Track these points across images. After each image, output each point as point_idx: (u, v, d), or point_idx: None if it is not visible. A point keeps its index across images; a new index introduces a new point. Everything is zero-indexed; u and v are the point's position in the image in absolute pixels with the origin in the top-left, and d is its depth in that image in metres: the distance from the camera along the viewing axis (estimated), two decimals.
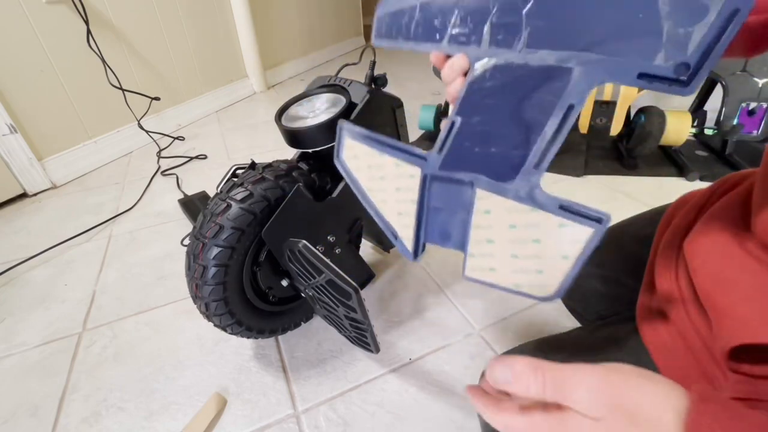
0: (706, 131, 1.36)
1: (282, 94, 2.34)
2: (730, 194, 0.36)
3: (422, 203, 0.33)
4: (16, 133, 1.31)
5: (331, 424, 0.68)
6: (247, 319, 0.71)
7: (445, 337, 0.82)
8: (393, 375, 0.75)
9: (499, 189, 0.29)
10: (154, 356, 0.81)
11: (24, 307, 0.94)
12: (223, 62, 2.11)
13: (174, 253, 1.09)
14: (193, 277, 0.63)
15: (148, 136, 1.71)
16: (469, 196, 0.30)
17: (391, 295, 0.93)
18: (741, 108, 1.28)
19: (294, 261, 0.65)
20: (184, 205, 1.25)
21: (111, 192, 1.41)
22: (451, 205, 0.32)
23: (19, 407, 0.73)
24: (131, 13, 1.61)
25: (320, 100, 0.74)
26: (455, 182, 0.31)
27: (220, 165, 1.56)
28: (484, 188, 0.29)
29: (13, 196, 1.36)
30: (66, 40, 1.40)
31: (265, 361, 0.79)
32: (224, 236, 0.61)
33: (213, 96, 2.08)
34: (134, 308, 0.92)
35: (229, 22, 2.08)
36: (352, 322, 0.66)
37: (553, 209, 0.27)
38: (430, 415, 0.68)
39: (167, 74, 1.82)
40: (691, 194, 0.43)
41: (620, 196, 1.25)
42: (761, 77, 1.24)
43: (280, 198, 0.64)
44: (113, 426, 0.69)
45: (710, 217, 0.35)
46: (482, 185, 0.29)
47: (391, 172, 0.34)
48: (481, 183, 0.29)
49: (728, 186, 0.38)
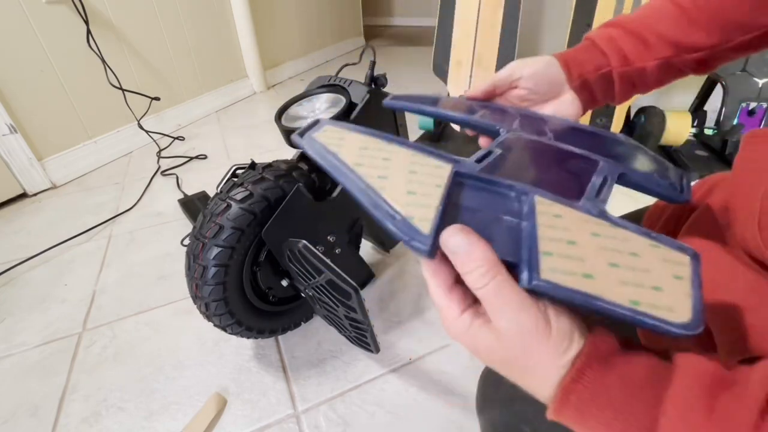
0: (706, 131, 1.36)
1: (282, 94, 2.34)
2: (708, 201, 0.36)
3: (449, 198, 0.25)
4: (16, 133, 1.31)
5: (331, 424, 0.68)
6: (247, 319, 0.71)
7: (445, 337, 0.82)
8: (393, 375, 0.75)
9: (564, 201, 0.25)
10: (154, 356, 0.81)
11: (24, 307, 0.94)
12: (223, 62, 2.11)
13: (174, 253, 1.09)
14: (193, 277, 0.63)
15: (148, 136, 1.71)
16: (517, 206, 0.25)
17: (391, 295, 0.93)
18: (741, 108, 1.28)
19: (294, 261, 0.65)
20: (184, 205, 1.25)
21: (111, 192, 1.41)
22: (493, 208, 0.25)
23: (19, 407, 0.73)
24: (131, 13, 1.61)
25: (320, 100, 0.74)
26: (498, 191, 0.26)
27: (220, 165, 1.56)
28: (544, 197, 0.25)
29: (13, 196, 1.36)
30: (66, 40, 1.40)
31: (265, 361, 0.79)
32: (224, 236, 0.61)
33: (213, 96, 2.08)
34: (134, 308, 0.92)
35: (229, 22, 2.08)
36: (352, 322, 0.66)
37: (636, 231, 0.23)
38: (430, 415, 0.68)
39: (167, 74, 1.82)
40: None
41: (620, 196, 1.24)
42: (761, 77, 1.24)
43: (280, 198, 0.64)
44: (113, 426, 0.69)
45: (693, 226, 0.35)
46: (541, 194, 0.25)
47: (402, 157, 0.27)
48: (538, 192, 0.25)
49: (704, 191, 0.38)
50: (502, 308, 0.21)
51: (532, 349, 0.21)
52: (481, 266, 0.21)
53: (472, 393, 0.70)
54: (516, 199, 0.25)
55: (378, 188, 0.24)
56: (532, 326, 0.21)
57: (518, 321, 0.21)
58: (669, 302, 0.20)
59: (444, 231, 0.22)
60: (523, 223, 0.23)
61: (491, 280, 0.21)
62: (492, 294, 0.21)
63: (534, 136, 0.34)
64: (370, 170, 0.26)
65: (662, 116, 1.30)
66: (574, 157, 0.31)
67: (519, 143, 0.33)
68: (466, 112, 0.38)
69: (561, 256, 0.21)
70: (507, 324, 0.21)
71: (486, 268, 0.21)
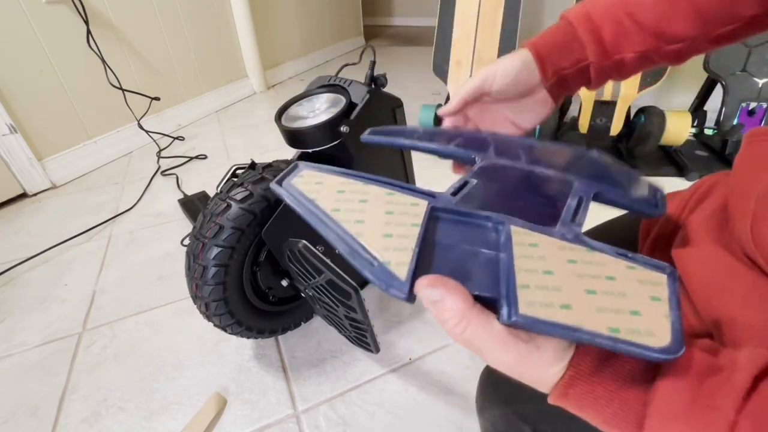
0: (706, 131, 1.36)
1: (282, 94, 2.34)
2: (709, 201, 0.36)
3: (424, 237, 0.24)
4: (16, 133, 1.31)
5: (331, 424, 0.68)
6: (247, 319, 0.71)
7: (445, 337, 0.82)
8: (393, 375, 0.75)
9: (539, 229, 0.25)
10: (154, 356, 0.81)
11: (24, 307, 0.94)
12: (223, 62, 2.11)
13: (174, 253, 1.09)
14: (193, 277, 0.63)
15: (148, 136, 1.71)
16: (494, 237, 0.25)
17: None
18: (741, 108, 1.28)
19: (294, 261, 0.65)
20: (184, 205, 1.25)
21: (111, 192, 1.41)
22: (470, 241, 0.25)
23: (19, 407, 0.73)
24: (131, 13, 1.61)
25: (320, 100, 0.74)
26: (475, 222, 0.26)
27: (220, 165, 1.56)
28: (519, 226, 0.25)
29: (13, 196, 1.36)
30: (66, 40, 1.40)
31: (265, 361, 0.79)
32: (224, 236, 0.61)
33: (213, 96, 2.08)
34: (134, 308, 0.92)
35: (229, 22, 2.08)
36: (352, 322, 0.66)
37: (612, 253, 0.23)
38: (430, 415, 0.68)
39: (167, 74, 1.82)
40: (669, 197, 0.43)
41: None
42: (761, 77, 1.24)
43: (280, 198, 0.64)
44: (113, 426, 0.69)
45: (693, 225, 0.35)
46: (517, 224, 0.25)
47: (378, 198, 0.27)
48: (514, 222, 0.25)
49: (704, 189, 0.38)
50: (483, 351, 0.22)
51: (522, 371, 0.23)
52: (452, 317, 0.21)
53: (472, 393, 0.70)
54: (493, 230, 0.25)
55: (355, 234, 0.24)
56: (517, 360, 0.22)
57: (503, 361, 0.22)
58: (648, 326, 0.20)
59: (417, 282, 0.22)
60: (500, 255, 0.23)
61: (464, 330, 0.21)
62: (470, 341, 0.22)
63: (509, 161, 0.34)
64: (348, 215, 0.26)
65: (662, 116, 1.29)
66: (549, 180, 0.32)
67: (494, 171, 0.33)
68: (444, 141, 0.38)
69: (538, 287, 0.21)
70: (493, 360, 0.23)
71: (457, 319, 0.21)
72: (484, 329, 0.21)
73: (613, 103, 1.34)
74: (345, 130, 0.66)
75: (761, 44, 1.22)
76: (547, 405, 0.24)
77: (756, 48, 1.23)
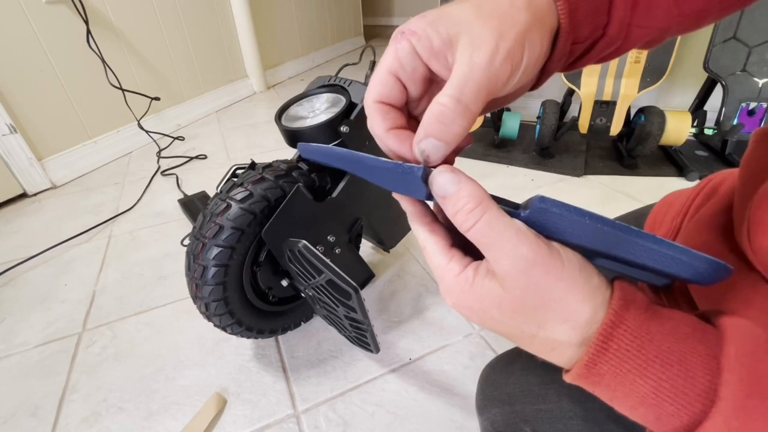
0: (706, 131, 1.36)
1: (282, 94, 2.34)
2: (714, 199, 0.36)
3: None
4: (15, 133, 1.31)
5: (331, 424, 0.68)
6: (247, 319, 0.71)
7: (445, 337, 0.82)
8: (393, 375, 0.75)
9: None
10: (154, 356, 0.81)
11: (24, 307, 0.94)
12: (223, 62, 2.11)
13: (174, 253, 1.09)
14: (193, 277, 0.63)
15: (148, 136, 1.71)
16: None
17: (391, 295, 0.93)
18: (741, 108, 1.28)
19: (294, 261, 0.65)
20: (184, 205, 1.25)
21: (111, 192, 1.41)
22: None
23: (19, 407, 0.73)
24: (131, 13, 1.61)
25: (320, 100, 0.74)
26: None
27: (220, 165, 1.56)
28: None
29: (13, 196, 1.36)
30: (66, 40, 1.40)
31: (265, 361, 0.79)
32: (224, 236, 0.61)
33: (213, 96, 2.08)
34: (134, 308, 0.92)
35: (229, 22, 2.08)
36: (352, 322, 0.66)
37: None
38: (430, 415, 0.68)
39: (167, 74, 1.82)
40: (675, 195, 0.43)
41: (620, 196, 1.25)
42: (761, 77, 1.24)
43: (280, 198, 0.64)
44: (113, 426, 0.69)
45: (697, 223, 0.35)
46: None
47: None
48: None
49: (711, 187, 0.38)
50: (498, 245, 0.19)
51: (543, 285, 0.18)
52: (469, 202, 0.19)
53: (472, 393, 0.70)
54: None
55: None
56: (538, 257, 0.18)
57: (520, 255, 0.18)
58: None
59: (437, 168, 0.20)
60: None
61: (481, 216, 0.19)
62: (485, 231, 0.19)
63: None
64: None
65: (662, 116, 1.29)
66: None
67: None
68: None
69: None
70: (509, 261, 0.18)
71: (473, 204, 0.19)
72: (502, 219, 0.19)
73: (613, 103, 1.34)
74: (345, 130, 0.66)
75: (761, 44, 1.22)
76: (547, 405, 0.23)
77: (756, 48, 1.22)
